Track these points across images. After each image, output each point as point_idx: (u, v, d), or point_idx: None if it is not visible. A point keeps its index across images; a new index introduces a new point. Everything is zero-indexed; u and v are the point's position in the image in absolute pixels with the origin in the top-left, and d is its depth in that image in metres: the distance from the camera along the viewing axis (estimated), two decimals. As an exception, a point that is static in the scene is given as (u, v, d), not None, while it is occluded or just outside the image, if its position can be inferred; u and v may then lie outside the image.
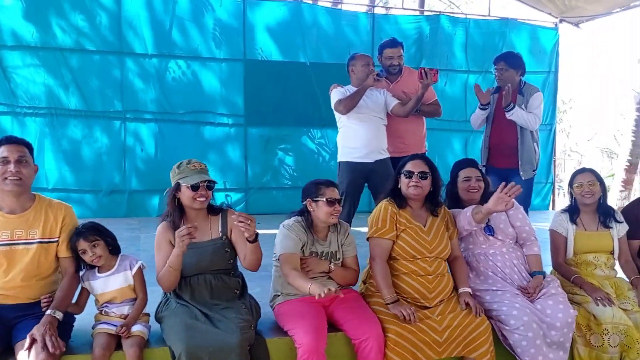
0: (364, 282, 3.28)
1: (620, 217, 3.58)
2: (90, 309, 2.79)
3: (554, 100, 9.50)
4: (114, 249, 2.75)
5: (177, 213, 2.80)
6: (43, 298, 2.62)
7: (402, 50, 4.48)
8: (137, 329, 2.65)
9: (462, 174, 3.38)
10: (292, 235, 2.94)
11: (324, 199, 2.93)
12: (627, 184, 10.38)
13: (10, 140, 2.66)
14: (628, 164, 10.40)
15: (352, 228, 3.24)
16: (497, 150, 4.60)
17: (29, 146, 2.72)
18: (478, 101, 4.53)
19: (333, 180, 3.09)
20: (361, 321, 2.84)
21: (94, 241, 2.67)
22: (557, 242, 3.53)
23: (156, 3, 7.55)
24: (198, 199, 2.74)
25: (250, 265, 2.83)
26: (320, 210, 2.94)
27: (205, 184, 2.75)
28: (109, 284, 2.70)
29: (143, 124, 7.69)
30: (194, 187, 2.73)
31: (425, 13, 9.00)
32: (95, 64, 7.39)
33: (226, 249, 2.85)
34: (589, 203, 3.50)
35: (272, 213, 7.43)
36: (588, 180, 3.48)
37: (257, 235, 2.73)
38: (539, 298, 3.13)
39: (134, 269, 2.74)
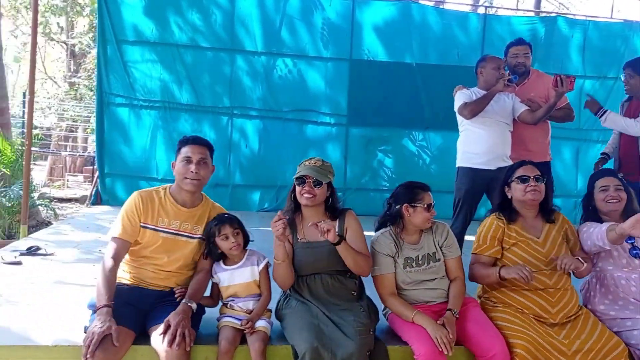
0: (480, 297, 3.12)
1: None
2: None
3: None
4: (245, 244, 2.78)
5: (292, 209, 2.81)
6: (176, 289, 2.71)
7: (529, 50, 4.26)
8: (260, 324, 2.66)
9: (599, 183, 3.13)
10: (381, 255, 2.85)
11: (423, 205, 2.82)
12: None
13: (195, 141, 2.81)
14: None
15: (466, 237, 3.10)
16: (629, 163, 4.28)
17: (210, 148, 2.88)
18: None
19: (426, 184, 2.95)
20: (486, 336, 2.70)
21: (237, 229, 2.72)
22: None
23: (268, 1, 7.69)
24: (304, 195, 2.72)
25: (352, 270, 2.76)
26: (418, 216, 2.83)
27: (310, 180, 2.70)
28: (235, 277, 2.74)
29: (249, 120, 7.86)
30: (299, 181, 2.73)
31: (541, 14, 8.54)
32: (208, 61, 7.64)
33: None
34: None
35: (368, 214, 7.32)
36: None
37: (340, 238, 2.66)
38: None
39: (261, 265, 2.76)
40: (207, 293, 2.83)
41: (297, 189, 2.76)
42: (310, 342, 2.46)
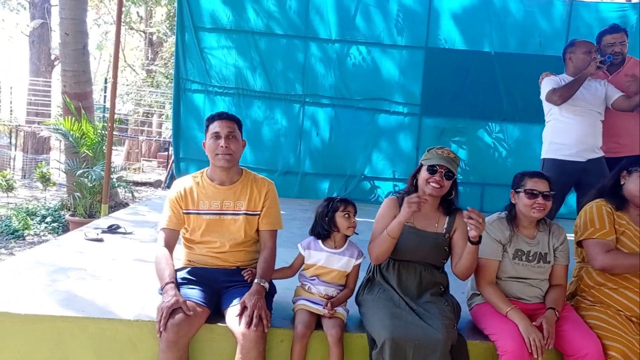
0: (573, 296, 2.93)
1: None
2: (289, 283, 2.81)
3: None
4: None
5: (410, 192, 2.73)
6: (245, 272, 2.71)
7: (625, 37, 3.96)
8: (339, 310, 2.62)
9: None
10: (489, 239, 2.71)
11: (524, 190, 2.68)
12: None
13: (221, 116, 2.79)
14: None
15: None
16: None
17: (238, 122, 2.84)
18: None
19: (543, 173, 2.77)
20: (577, 335, 2.54)
21: (355, 212, 2.71)
22: None
23: (344, -11, 7.61)
24: (431, 183, 2.64)
25: (461, 272, 2.65)
26: (521, 203, 2.70)
27: (444, 171, 2.62)
28: (331, 260, 2.69)
29: (320, 108, 7.84)
30: (431, 170, 2.64)
31: (633, 0, 8.00)
32: (282, 48, 7.67)
33: (445, 247, 2.72)
34: None
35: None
36: None
37: (480, 238, 2.54)
38: None
39: (358, 260, 2.72)
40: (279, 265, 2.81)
41: (425, 175, 2.67)
42: (391, 331, 2.38)
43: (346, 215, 2.67)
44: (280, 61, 7.67)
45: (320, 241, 2.72)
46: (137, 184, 13.55)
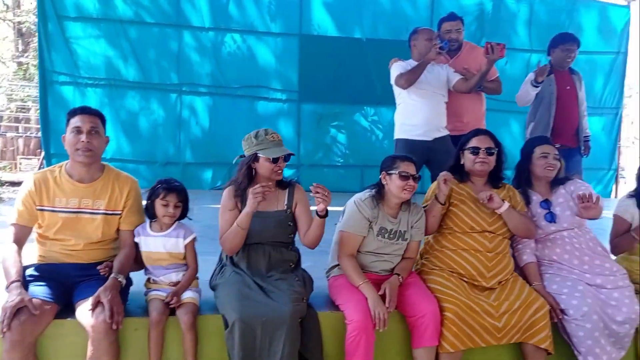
0: (421, 257, 3.20)
1: None
2: (141, 275, 2.83)
3: (621, 83, 9.06)
4: (180, 218, 2.78)
5: (246, 181, 2.80)
6: (100, 267, 2.65)
7: (461, 25, 4.32)
8: (187, 295, 2.65)
9: (539, 150, 3.19)
10: (359, 215, 2.87)
11: (397, 172, 2.84)
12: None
13: (84, 111, 2.70)
14: None
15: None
16: (561, 130, 4.46)
17: (101, 117, 2.76)
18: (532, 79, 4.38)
19: (412, 157, 2.97)
20: (417, 298, 2.78)
21: (180, 202, 2.72)
22: (620, 228, 3.31)
23: (214, -24, 7.56)
24: (277, 171, 2.76)
25: (310, 242, 2.80)
26: (393, 184, 2.85)
27: (283, 157, 2.75)
28: (158, 244, 2.71)
29: (198, 97, 7.78)
30: (275, 160, 2.73)
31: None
32: (154, 37, 7.51)
33: (289, 222, 2.85)
34: None
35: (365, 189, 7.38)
36: None
37: (327, 211, 2.69)
38: (605, 288, 2.96)
39: (187, 240, 2.74)
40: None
41: (269, 166, 2.75)
42: (240, 311, 2.48)
43: (164, 204, 2.68)
44: (152, 50, 7.51)
45: (148, 226, 2.74)
46: (13, 183, 12.69)
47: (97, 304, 2.41)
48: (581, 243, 3.13)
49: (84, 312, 2.42)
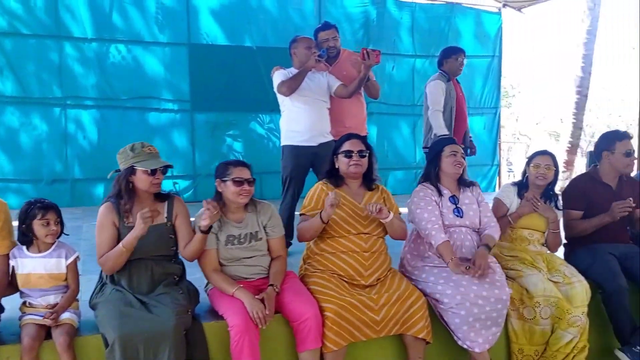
0: (304, 261, 3.29)
1: (560, 205, 3.67)
2: (17, 300, 2.70)
3: (498, 84, 9.71)
4: (58, 236, 2.69)
5: (127, 195, 2.74)
6: None
7: (336, 32, 4.48)
8: (66, 316, 2.58)
9: (449, 149, 3.40)
10: None
11: (231, 179, 2.88)
12: (569, 164, 10.76)
13: None
14: (569, 146, 10.77)
15: (296, 213, 3.24)
16: (456, 132, 4.92)
17: None
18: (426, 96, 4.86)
19: (245, 161, 3.04)
20: (299, 302, 2.85)
21: (59, 218, 2.64)
22: (498, 211, 3.58)
23: (95, -15, 7.29)
24: (154, 183, 2.73)
25: (189, 256, 2.82)
26: (228, 190, 2.89)
27: (161, 169, 2.72)
28: (37, 265, 2.62)
29: (84, 110, 7.45)
30: (153, 172, 2.70)
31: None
32: (31, 49, 7.09)
33: (170, 235, 2.83)
34: (540, 185, 3.58)
35: (221, 200, 7.35)
36: (545, 163, 3.55)
37: (210, 228, 2.71)
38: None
39: (70, 259, 2.67)
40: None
41: (147, 178, 2.71)
42: (119, 329, 2.44)
43: (45, 224, 2.61)
44: (31, 63, 7.09)
45: (24, 248, 2.65)
46: None
47: None
48: (472, 240, 3.34)
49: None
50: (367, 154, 3.20)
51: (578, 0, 10.63)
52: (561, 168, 10.83)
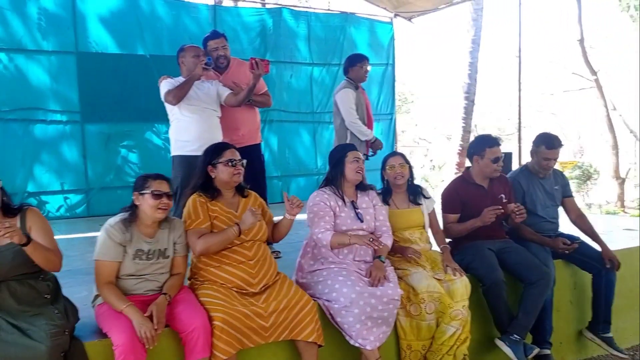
0: (189, 279, 3.24)
1: (427, 193, 3.91)
2: None
3: (392, 91, 10.06)
4: None
5: None
6: None
7: (225, 41, 4.48)
8: None
9: (352, 155, 3.52)
10: (110, 241, 2.81)
11: (150, 192, 2.83)
12: (460, 166, 11.36)
13: None
14: (460, 149, 11.37)
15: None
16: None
17: None
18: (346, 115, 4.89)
19: (164, 175, 2.98)
20: (187, 313, 2.81)
21: None
22: None
23: (-38, -9, 6.80)
24: None
25: (44, 267, 2.64)
26: (146, 204, 2.84)
27: None
28: None
29: (-40, 124, 6.91)
30: None
31: (267, 5, 9.05)
32: None
33: None
34: (401, 183, 3.77)
35: (116, 213, 7.04)
36: (399, 162, 3.75)
37: (28, 238, 2.52)
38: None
39: None
40: None
41: None
42: (-12, 355, 2.29)
43: None
44: None
45: None
46: None
47: None
48: None
49: None
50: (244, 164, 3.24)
51: (463, 11, 11.28)
52: (454, 170, 11.44)
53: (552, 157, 4.09)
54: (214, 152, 3.22)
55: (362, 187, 3.59)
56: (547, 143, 4.09)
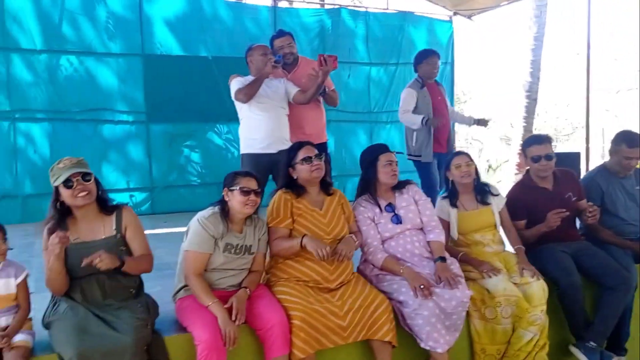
0: (267, 272, 3.26)
1: (495, 190, 3.76)
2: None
3: (451, 91, 9.89)
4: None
5: (57, 217, 2.65)
6: None
7: (292, 39, 4.49)
8: (19, 338, 2.48)
9: (384, 158, 3.40)
10: (205, 233, 2.86)
11: (238, 188, 2.88)
12: (521, 167, 11.04)
13: None
14: (521, 149, 11.04)
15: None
16: (437, 138, 5.00)
17: None
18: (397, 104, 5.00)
19: (253, 172, 3.03)
20: (265, 310, 2.83)
21: (5, 236, 2.53)
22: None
23: (42, -5, 7.09)
24: (78, 195, 2.61)
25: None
26: (235, 200, 2.89)
27: (78, 178, 2.60)
28: None
29: (35, 124, 7.22)
30: (67, 185, 2.59)
31: (326, 6, 9.06)
32: (-24, 61, 6.85)
33: (121, 247, 2.73)
34: (467, 182, 3.65)
35: (179, 211, 7.25)
36: (465, 161, 3.63)
37: (121, 263, 2.62)
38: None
39: (19, 278, 2.57)
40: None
41: (67, 192, 2.60)
42: (77, 346, 2.36)
43: None
44: (-24, 76, 6.85)
45: None
46: None
47: None
48: (420, 241, 3.39)
49: None
50: (323, 157, 3.23)
51: (525, 8, 10.94)
52: (514, 170, 11.13)
53: (634, 155, 3.91)
54: (291, 152, 3.27)
55: (398, 185, 3.49)
56: (628, 141, 3.91)
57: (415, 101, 4.95)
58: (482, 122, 5.21)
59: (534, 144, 3.79)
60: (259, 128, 4.19)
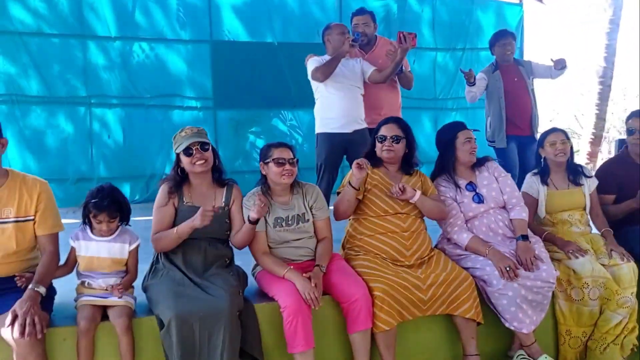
0: (344, 248, 3.27)
1: (589, 172, 3.65)
2: (71, 283, 2.70)
3: (520, 77, 9.60)
4: (123, 219, 2.70)
5: (176, 181, 2.81)
6: (17, 277, 2.50)
7: (370, 19, 4.45)
8: (125, 299, 2.58)
9: (463, 135, 3.34)
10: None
11: (272, 160, 2.88)
12: (592, 156, 10.65)
13: None
14: (593, 137, 10.65)
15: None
16: (514, 120, 4.85)
17: None
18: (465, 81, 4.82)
19: (286, 142, 3.03)
20: (348, 283, 2.84)
21: (114, 218, 2.62)
22: (527, 204, 3.50)
23: (118, -16, 7.32)
24: (197, 163, 2.74)
25: (238, 243, 2.86)
26: (271, 172, 2.91)
27: (197, 147, 2.71)
28: (102, 249, 2.63)
29: (109, 109, 7.48)
30: (187, 152, 2.72)
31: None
32: (56, 48, 7.12)
33: (226, 219, 2.87)
34: (562, 161, 3.53)
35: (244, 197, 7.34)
36: (561, 139, 3.51)
37: (258, 220, 2.74)
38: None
39: (133, 245, 2.69)
40: (62, 261, 2.68)
41: (186, 159, 2.75)
42: (175, 308, 2.45)
43: (97, 222, 2.61)
44: (56, 63, 7.12)
45: (89, 230, 2.65)
46: None
47: (15, 318, 2.28)
48: (504, 220, 3.31)
49: (5, 329, 2.29)
50: (405, 139, 3.17)
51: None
52: (585, 160, 10.72)
53: None
54: (379, 124, 3.29)
55: (477, 163, 3.40)
56: None
57: (485, 85, 4.86)
58: (559, 63, 4.87)
59: (632, 117, 3.71)
60: (334, 107, 4.19)
